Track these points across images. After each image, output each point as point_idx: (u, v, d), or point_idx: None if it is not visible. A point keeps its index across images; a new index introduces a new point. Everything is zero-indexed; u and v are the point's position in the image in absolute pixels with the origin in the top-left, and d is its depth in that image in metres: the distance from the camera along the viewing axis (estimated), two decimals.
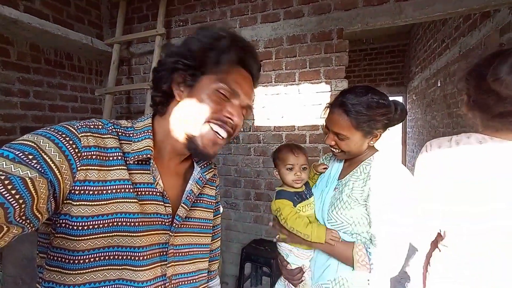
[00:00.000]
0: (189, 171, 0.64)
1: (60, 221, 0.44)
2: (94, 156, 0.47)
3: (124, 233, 0.48)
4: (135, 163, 0.52)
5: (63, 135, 0.45)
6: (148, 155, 0.52)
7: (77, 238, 0.45)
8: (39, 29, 1.80)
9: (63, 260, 0.45)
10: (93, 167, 0.47)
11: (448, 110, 2.77)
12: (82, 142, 0.46)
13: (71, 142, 0.45)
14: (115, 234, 0.47)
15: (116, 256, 0.47)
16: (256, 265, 2.08)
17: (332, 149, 0.87)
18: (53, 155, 0.42)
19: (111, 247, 0.47)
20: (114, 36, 2.37)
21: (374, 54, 4.84)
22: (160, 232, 0.53)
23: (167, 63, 0.56)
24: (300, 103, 2.02)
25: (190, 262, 0.59)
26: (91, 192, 0.46)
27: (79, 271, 0.45)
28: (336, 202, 0.84)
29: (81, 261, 0.45)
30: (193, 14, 2.29)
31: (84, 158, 0.46)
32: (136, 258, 0.49)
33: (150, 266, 0.50)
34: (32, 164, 0.39)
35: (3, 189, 0.34)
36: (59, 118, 2.23)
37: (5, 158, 0.37)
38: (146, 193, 0.52)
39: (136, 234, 0.49)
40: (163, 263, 0.54)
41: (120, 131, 0.54)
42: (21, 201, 0.35)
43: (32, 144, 0.41)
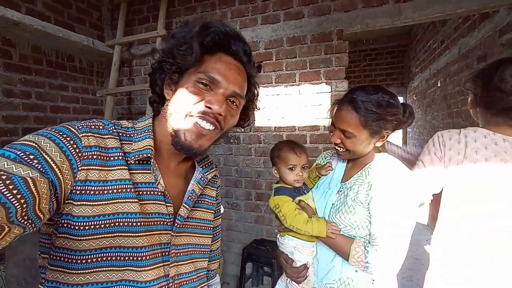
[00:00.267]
0: (190, 171, 0.64)
1: (62, 221, 0.45)
2: (95, 156, 0.47)
3: (126, 233, 0.47)
4: (136, 162, 0.52)
5: (64, 135, 0.45)
6: (149, 154, 0.52)
7: (79, 238, 0.45)
8: (41, 31, 1.81)
9: (66, 260, 0.45)
10: (94, 167, 0.47)
11: (448, 110, 2.78)
12: (83, 142, 0.46)
13: (72, 142, 0.45)
14: (117, 234, 0.47)
15: (119, 257, 0.47)
16: (257, 265, 2.08)
17: (336, 147, 0.85)
18: (54, 155, 0.42)
19: (113, 248, 0.47)
20: (115, 38, 2.38)
21: (374, 54, 4.85)
22: (162, 232, 0.53)
23: (154, 67, 0.57)
24: (300, 104, 2.03)
25: (189, 261, 0.59)
26: (92, 192, 0.46)
27: (83, 271, 0.45)
28: (340, 206, 0.82)
29: (83, 261, 0.45)
30: (193, 15, 2.31)
31: (85, 158, 0.46)
32: (138, 258, 0.48)
33: (153, 267, 0.50)
34: (33, 164, 0.39)
35: (5, 189, 0.34)
36: (61, 119, 2.24)
37: (6, 158, 0.37)
38: (148, 192, 0.52)
39: (137, 234, 0.48)
40: (166, 263, 0.53)
41: (120, 131, 0.54)
42: (22, 201, 0.35)
43: (33, 144, 0.41)
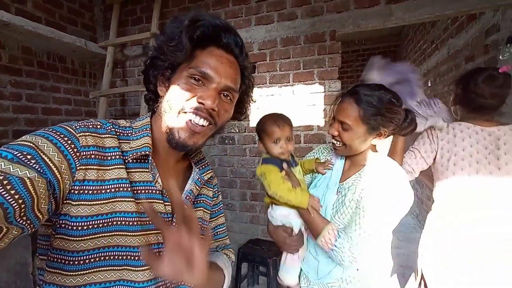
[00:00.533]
0: (187, 172, 0.64)
1: (60, 221, 0.44)
2: (93, 156, 0.47)
3: (123, 232, 0.47)
4: (134, 161, 0.52)
5: (62, 135, 0.44)
6: (147, 152, 0.51)
7: (76, 239, 0.44)
8: (32, 32, 1.78)
9: (63, 261, 0.45)
10: (92, 167, 0.46)
11: None
12: (80, 142, 0.46)
13: (69, 142, 0.45)
14: (114, 233, 0.47)
15: (116, 256, 0.47)
16: (253, 264, 2.08)
17: (333, 141, 0.87)
18: (52, 155, 0.42)
19: (111, 247, 0.47)
20: (108, 39, 2.36)
21: (366, 55, 4.90)
22: (160, 231, 0.53)
23: (147, 64, 0.57)
24: (294, 104, 2.05)
25: None
26: (90, 192, 0.46)
27: (80, 272, 0.45)
28: (339, 207, 0.83)
29: (81, 262, 0.45)
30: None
31: (83, 157, 0.46)
32: (135, 258, 0.48)
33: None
34: (31, 164, 0.39)
35: (2, 189, 0.33)
36: (53, 121, 2.21)
37: (3, 158, 0.37)
38: (145, 191, 0.52)
39: (134, 233, 0.48)
40: None
41: (118, 130, 0.53)
42: (20, 201, 0.34)
43: (31, 144, 0.41)
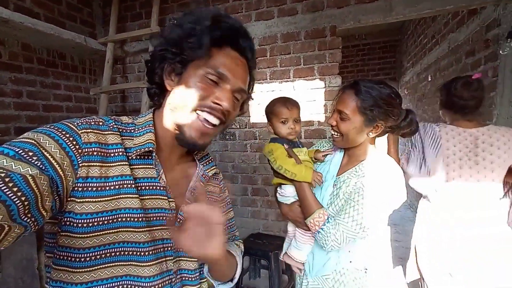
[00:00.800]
0: (192, 168, 0.65)
1: (65, 219, 0.45)
2: (95, 153, 0.47)
3: (129, 228, 0.48)
4: (137, 157, 0.52)
5: (63, 132, 0.44)
6: (150, 148, 0.51)
7: (82, 236, 0.45)
8: (31, 28, 1.78)
9: (70, 258, 0.45)
10: (94, 164, 0.46)
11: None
12: (82, 139, 0.46)
13: (71, 139, 0.44)
14: (120, 230, 0.47)
15: (122, 252, 0.47)
16: (254, 258, 2.12)
17: (332, 131, 0.90)
18: (53, 152, 0.41)
19: (117, 243, 0.47)
20: (107, 35, 2.35)
21: (366, 49, 4.88)
22: (164, 227, 0.53)
23: (155, 54, 0.55)
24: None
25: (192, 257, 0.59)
26: (94, 189, 0.46)
27: (86, 269, 0.45)
28: (333, 199, 0.87)
29: (87, 259, 0.45)
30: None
31: (85, 154, 0.45)
32: (141, 253, 0.49)
33: (155, 262, 0.50)
34: (33, 161, 0.39)
35: (4, 186, 0.33)
36: (54, 118, 2.22)
37: (5, 155, 0.37)
38: (149, 188, 0.52)
39: (139, 229, 0.49)
40: (168, 258, 0.53)
41: (121, 127, 0.53)
42: (23, 198, 0.34)
43: (32, 141, 0.41)
